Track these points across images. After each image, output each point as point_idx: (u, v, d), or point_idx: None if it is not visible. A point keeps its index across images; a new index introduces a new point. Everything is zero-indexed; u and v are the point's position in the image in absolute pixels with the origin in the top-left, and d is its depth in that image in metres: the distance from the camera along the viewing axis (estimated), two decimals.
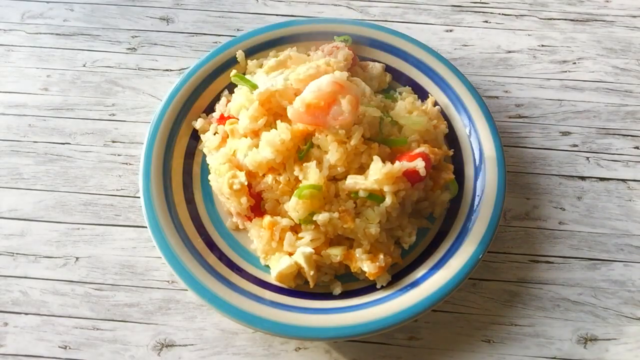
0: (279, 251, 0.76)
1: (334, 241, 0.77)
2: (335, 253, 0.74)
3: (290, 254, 0.75)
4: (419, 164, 0.74)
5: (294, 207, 0.73)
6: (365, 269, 0.73)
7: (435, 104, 0.89)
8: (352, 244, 0.76)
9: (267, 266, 0.77)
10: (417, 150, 0.77)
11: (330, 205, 0.74)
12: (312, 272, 0.74)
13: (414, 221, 0.79)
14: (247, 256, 0.79)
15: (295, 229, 0.76)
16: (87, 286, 0.80)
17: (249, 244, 0.79)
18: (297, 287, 0.76)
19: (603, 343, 0.77)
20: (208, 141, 0.85)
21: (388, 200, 0.74)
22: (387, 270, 0.75)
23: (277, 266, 0.75)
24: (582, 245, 0.85)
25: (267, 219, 0.76)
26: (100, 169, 0.90)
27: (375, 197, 0.74)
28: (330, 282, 0.76)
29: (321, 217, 0.72)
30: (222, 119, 0.85)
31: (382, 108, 0.83)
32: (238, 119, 0.82)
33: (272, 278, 0.76)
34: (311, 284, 0.75)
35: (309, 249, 0.73)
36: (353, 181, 0.74)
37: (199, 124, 0.87)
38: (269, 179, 0.76)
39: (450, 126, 0.87)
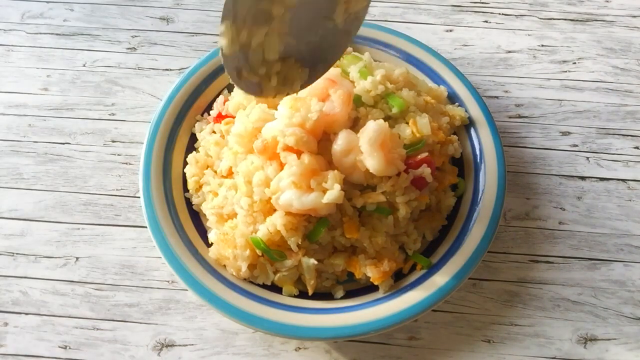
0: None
1: (337, 247, 0.76)
2: (338, 262, 0.74)
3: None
4: (425, 171, 0.74)
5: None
6: (369, 274, 0.72)
7: None
8: (355, 250, 0.76)
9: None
10: (421, 156, 0.76)
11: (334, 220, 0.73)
12: (312, 282, 0.73)
13: (424, 224, 0.79)
14: None
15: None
16: (87, 286, 0.80)
17: None
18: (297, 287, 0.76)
19: (603, 343, 0.77)
20: (204, 140, 0.85)
21: (402, 210, 0.73)
22: None
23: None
24: (582, 245, 0.85)
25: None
26: (100, 168, 0.90)
27: (383, 209, 0.73)
28: (332, 286, 0.76)
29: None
30: (220, 118, 0.85)
31: (384, 109, 0.83)
32: (235, 117, 0.82)
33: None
34: (310, 292, 0.74)
35: (312, 260, 0.72)
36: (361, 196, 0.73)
37: (197, 129, 0.86)
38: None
39: None
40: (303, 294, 0.74)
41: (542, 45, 1.06)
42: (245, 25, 0.58)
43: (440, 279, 0.73)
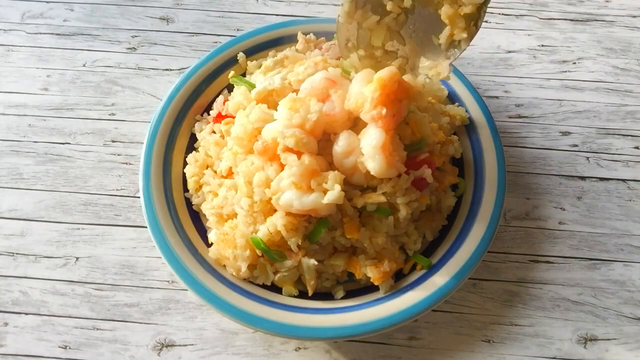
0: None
1: (337, 248, 0.76)
2: (339, 263, 0.74)
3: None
4: (426, 172, 0.74)
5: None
6: (369, 274, 0.72)
7: None
8: (355, 251, 0.76)
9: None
10: (421, 157, 0.76)
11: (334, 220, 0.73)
12: (312, 282, 0.74)
13: (424, 224, 0.79)
14: None
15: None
16: (87, 286, 0.80)
17: None
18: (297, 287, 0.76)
19: (603, 343, 0.77)
20: (204, 140, 0.85)
21: (403, 211, 0.73)
22: None
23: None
24: (582, 245, 0.85)
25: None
26: (100, 168, 0.90)
27: (384, 210, 0.73)
28: (332, 287, 0.76)
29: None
30: (219, 117, 0.85)
31: None
32: (234, 117, 0.82)
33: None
34: (310, 292, 0.74)
35: (313, 261, 0.72)
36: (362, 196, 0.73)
37: (197, 129, 0.86)
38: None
39: None
40: (303, 294, 0.74)
41: (542, 45, 1.06)
42: (363, 7, 0.72)
43: (440, 279, 0.73)
